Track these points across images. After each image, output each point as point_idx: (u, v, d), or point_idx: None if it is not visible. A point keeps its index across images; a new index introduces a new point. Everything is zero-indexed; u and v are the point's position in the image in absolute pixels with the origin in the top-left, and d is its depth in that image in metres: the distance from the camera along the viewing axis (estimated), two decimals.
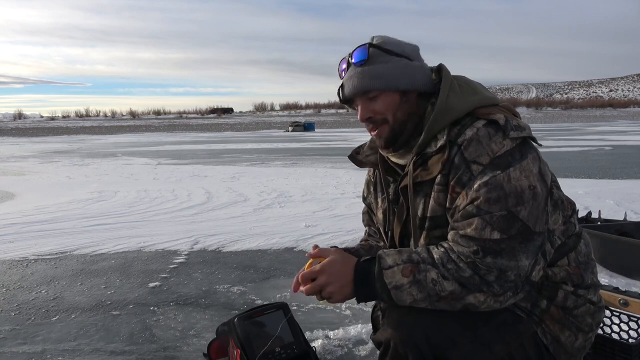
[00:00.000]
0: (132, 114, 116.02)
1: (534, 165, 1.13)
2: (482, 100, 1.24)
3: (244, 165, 11.07)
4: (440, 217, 1.21)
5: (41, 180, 8.81)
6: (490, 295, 1.10)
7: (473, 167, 1.13)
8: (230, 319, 1.90)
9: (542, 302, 1.21)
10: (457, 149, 1.16)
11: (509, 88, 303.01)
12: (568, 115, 64.51)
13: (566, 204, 1.27)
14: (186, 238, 4.23)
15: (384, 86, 1.23)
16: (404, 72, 1.24)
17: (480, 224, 1.09)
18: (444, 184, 1.19)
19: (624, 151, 13.05)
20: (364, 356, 2.10)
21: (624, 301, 1.74)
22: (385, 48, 1.26)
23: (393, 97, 1.25)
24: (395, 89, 1.24)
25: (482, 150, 1.13)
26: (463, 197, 1.14)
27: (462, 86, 1.26)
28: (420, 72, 1.27)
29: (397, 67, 1.24)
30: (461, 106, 1.21)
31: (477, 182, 1.11)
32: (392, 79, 1.23)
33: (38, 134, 37.54)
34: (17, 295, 2.95)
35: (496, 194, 1.09)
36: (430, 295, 1.12)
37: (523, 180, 1.10)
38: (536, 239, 1.11)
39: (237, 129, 37.68)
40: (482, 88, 1.29)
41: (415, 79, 1.25)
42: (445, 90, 1.23)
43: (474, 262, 1.10)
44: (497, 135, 1.14)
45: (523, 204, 1.09)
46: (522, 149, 1.14)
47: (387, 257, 1.17)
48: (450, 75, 1.27)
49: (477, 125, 1.16)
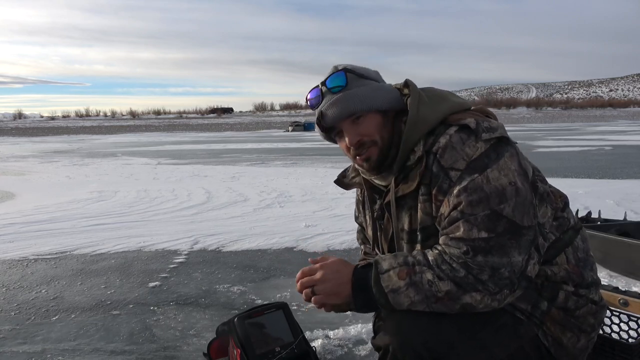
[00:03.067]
0: (132, 113, 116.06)
1: (512, 163, 1.14)
2: (452, 107, 1.25)
3: (244, 165, 11.07)
4: (431, 226, 1.21)
5: (41, 180, 8.81)
6: (486, 294, 1.10)
7: (451, 174, 1.14)
8: (230, 318, 1.90)
9: (543, 304, 1.20)
10: (433, 157, 1.17)
11: (509, 88, 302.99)
12: (568, 115, 64.54)
13: (555, 197, 1.27)
14: (186, 238, 4.23)
15: (369, 107, 1.23)
16: (382, 93, 1.26)
17: (467, 227, 1.10)
18: (427, 193, 1.19)
19: (624, 151, 13.05)
20: (364, 356, 2.10)
21: (624, 301, 1.74)
22: (358, 73, 1.27)
23: (377, 118, 1.25)
24: (378, 109, 1.25)
25: (457, 155, 1.14)
26: (446, 204, 1.15)
27: (430, 97, 1.27)
28: (392, 92, 1.29)
29: (374, 88, 1.26)
30: (432, 115, 1.22)
31: (457, 187, 1.12)
32: (374, 99, 1.24)
33: (38, 133, 37.57)
34: (17, 295, 2.95)
35: (477, 196, 1.10)
36: (427, 297, 1.12)
37: (502, 179, 1.11)
38: (526, 234, 1.11)
39: (237, 128, 37.70)
40: (451, 95, 1.30)
41: (392, 98, 1.27)
42: (414, 104, 1.24)
43: (465, 262, 1.10)
44: (470, 139, 1.15)
45: (506, 201, 1.10)
46: (497, 149, 1.14)
47: (383, 262, 1.18)
48: (418, 89, 1.29)
49: (449, 132, 1.17)
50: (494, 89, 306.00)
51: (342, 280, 1.21)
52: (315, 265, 1.25)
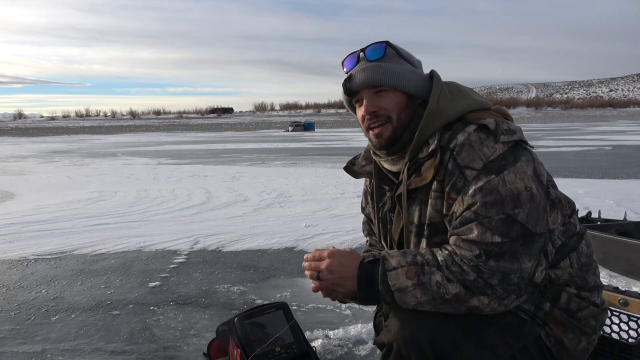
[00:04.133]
0: (132, 113, 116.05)
1: (528, 167, 1.13)
2: (472, 105, 1.25)
3: (244, 165, 11.07)
4: (439, 223, 1.21)
5: (41, 180, 8.81)
6: (494, 298, 1.10)
7: (467, 173, 1.13)
8: (230, 318, 1.90)
9: (546, 305, 1.20)
10: (450, 154, 1.17)
11: (509, 88, 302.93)
12: (568, 115, 64.50)
13: (564, 203, 1.27)
14: (186, 238, 4.23)
15: (396, 84, 1.25)
16: (414, 78, 1.27)
17: (480, 229, 1.09)
18: (439, 190, 1.19)
19: (624, 151, 13.05)
20: (364, 356, 2.10)
21: (624, 301, 1.74)
22: (399, 51, 1.29)
23: (401, 98, 1.26)
24: (404, 90, 1.26)
25: (474, 155, 1.13)
26: (459, 203, 1.14)
27: (452, 91, 1.28)
28: (425, 81, 1.29)
29: (408, 70, 1.27)
30: (451, 110, 1.22)
31: (472, 187, 1.12)
32: (404, 80, 1.25)
33: (38, 133, 37.57)
34: (17, 295, 2.95)
35: (492, 198, 1.09)
36: (434, 298, 1.12)
37: (518, 183, 1.10)
38: (537, 240, 1.11)
39: (237, 128, 37.71)
40: (472, 93, 1.30)
41: (422, 86, 1.28)
42: (435, 95, 1.25)
43: (477, 266, 1.10)
44: (489, 139, 1.14)
45: (521, 206, 1.09)
46: (515, 152, 1.14)
47: (391, 259, 1.17)
48: (441, 81, 1.29)
49: (468, 130, 1.17)
50: (494, 89, 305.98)
51: (347, 274, 1.20)
52: (324, 253, 1.25)
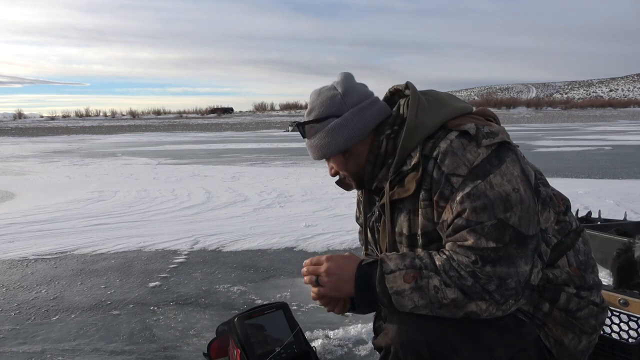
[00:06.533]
0: (132, 113, 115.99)
1: (514, 168, 1.13)
2: (452, 112, 1.24)
3: (244, 165, 11.07)
4: (432, 232, 1.20)
5: (41, 180, 8.81)
6: (492, 303, 1.10)
7: (453, 180, 1.13)
8: (230, 318, 1.90)
9: (545, 305, 1.20)
10: (434, 162, 1.16)
11: (509, 88, 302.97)
12: (568, 115, 64.45)
13: (558, 201, 1.26)
14: (186, 238, 4.23)
15: (323, 155, 1.33)
16: (336, 136, 1.28)
17: (475, 236, 1.09)
18: (428, 199, 1.18)
19: (624, 151, 13.04)
20: (364, 356, 2.10)
21: (624, 301, 1.74)
22: (312, 120, 1.31)
23: (338, 158, 1.33)
24: (333, 154, 1.32)
25: (458, 161, 1.13)
26: (448, 210, 1.13)
27: (430, 101, 1.26)
28: (356, 119, 1.28)
29: (330, 134, 1.29)
30: (431, 121, 1.22)
31: (460, 194, 1.11)
32: (328, 148, 1.30)
33: (38, 133, 37.54)
34: (17, 295, 2.95)
35: (481, 202, 1.09)
36: (432, 302, 1.12)
37: (506, 185, 1.10)
38: (530, 243, 1.11)
39: (237, 128, 37.69)
40: (452, 99, 1.29)
41: (351, 136, 1.28)
42: (413, 108, 1.24)
43: (473, 271, 1.09)
44: (471, 145, 1.14)
45: (512, 209, 1.09)
46: (499, 154, 1.14)
47: (389, 262, 1.17)
48: (417, 93, 1.28)
49: (450, 138, 1.16)
50: (494, 89, 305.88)
51: (345, 277, 1.21)
52: (322, 257, 1.25)
